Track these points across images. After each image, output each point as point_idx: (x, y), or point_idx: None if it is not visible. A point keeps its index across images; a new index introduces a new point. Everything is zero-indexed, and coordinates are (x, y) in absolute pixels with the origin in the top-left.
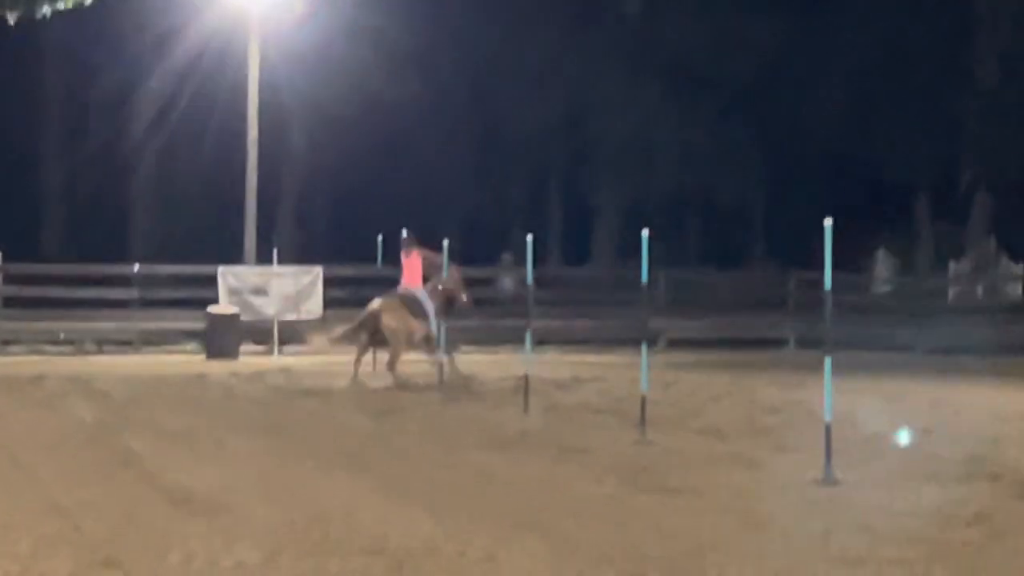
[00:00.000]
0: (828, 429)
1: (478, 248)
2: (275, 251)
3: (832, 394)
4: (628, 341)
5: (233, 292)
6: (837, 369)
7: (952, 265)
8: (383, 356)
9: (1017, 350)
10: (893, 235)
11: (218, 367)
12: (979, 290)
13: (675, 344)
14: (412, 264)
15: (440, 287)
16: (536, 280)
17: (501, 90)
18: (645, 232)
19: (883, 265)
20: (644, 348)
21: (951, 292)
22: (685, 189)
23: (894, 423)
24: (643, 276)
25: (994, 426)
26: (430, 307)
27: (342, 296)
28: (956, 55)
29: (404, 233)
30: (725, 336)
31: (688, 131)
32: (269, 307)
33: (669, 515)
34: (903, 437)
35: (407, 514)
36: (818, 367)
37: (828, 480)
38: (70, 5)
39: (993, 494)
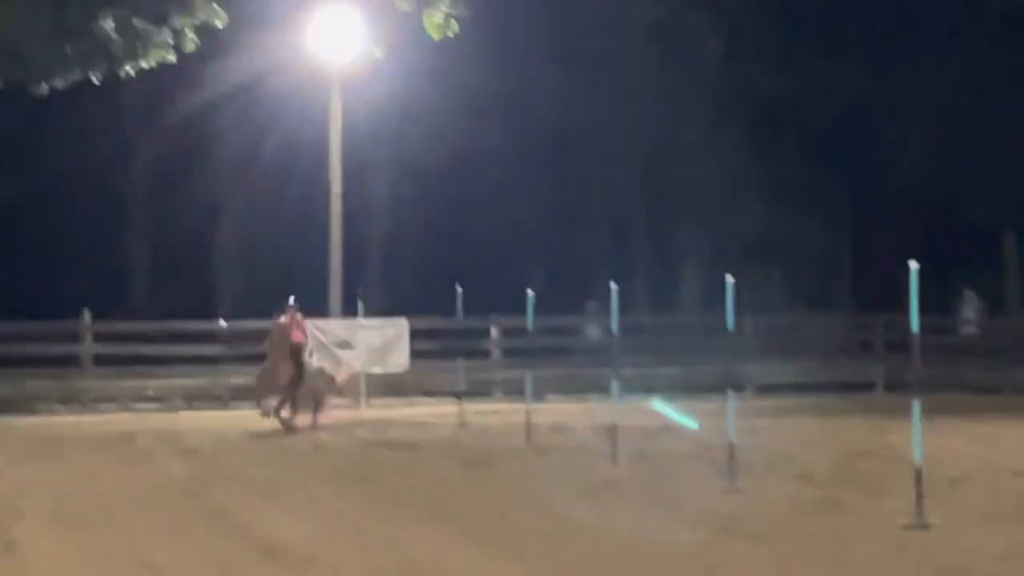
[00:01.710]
0: (918, 472)
1: (563, 297)
2: (360, 304)
3: (921, 437)
4: (716, 387)
5: (319, 346)
6: (926, 412)
7: None
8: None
9: None
10: (980, 275)
11: (306, 421)
12: None
13: (763, 389)
14: (301, 325)
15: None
16: (622, 328)
17: (583, 138)
18: (729, 278)
19: (970, 306)
20: (731, 394)
21: None
22: (770, 234)
23: (979, 463)
24: (728, 322)
25: None
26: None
27: (428, 348)
28: None
29: (291, 300)
30: (813, 381)
31: (772, 175)
32: (356, 360)
33: (760, 563)
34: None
35: (497, 564)
36: (907, 410)
37: (919, 523)
38: (153, 63)
39: None
